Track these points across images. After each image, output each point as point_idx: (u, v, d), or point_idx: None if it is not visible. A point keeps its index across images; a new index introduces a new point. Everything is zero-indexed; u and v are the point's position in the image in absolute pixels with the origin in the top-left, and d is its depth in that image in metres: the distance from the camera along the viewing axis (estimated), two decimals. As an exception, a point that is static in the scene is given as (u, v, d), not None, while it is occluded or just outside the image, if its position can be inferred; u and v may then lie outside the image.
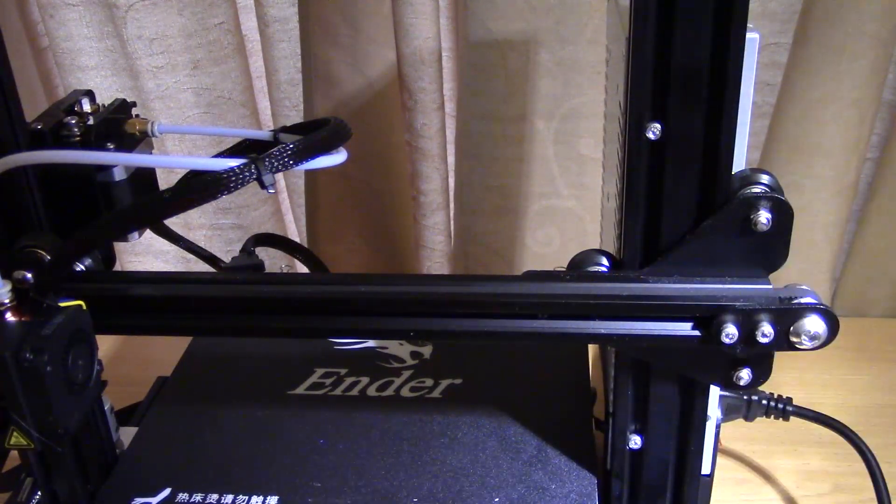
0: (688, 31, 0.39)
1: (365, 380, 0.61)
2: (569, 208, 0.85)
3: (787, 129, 0.78)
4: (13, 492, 0.54)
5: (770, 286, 0.43)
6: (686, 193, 0.42)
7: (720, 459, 0.64)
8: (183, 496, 0.52)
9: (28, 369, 0.41)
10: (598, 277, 0.45)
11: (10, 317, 0.44)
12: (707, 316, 0.43)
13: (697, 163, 0.42)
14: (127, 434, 0.57)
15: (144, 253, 0.91)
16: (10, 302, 0.44)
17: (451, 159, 0.87)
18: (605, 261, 0.46)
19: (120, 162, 0.48)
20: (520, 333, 0.45)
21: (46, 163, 0.45)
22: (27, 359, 0.41)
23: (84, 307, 0.45)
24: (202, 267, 0.61)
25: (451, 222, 0.90)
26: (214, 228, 0.88)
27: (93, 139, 0.48)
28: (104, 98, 0.52)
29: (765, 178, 0.43)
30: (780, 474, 0.65)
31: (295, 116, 0.87)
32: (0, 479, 0.54)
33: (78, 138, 0.48)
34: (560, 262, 0.48)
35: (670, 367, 0.46)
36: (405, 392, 0.60)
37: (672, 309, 0.43)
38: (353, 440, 0.55)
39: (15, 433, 0.43)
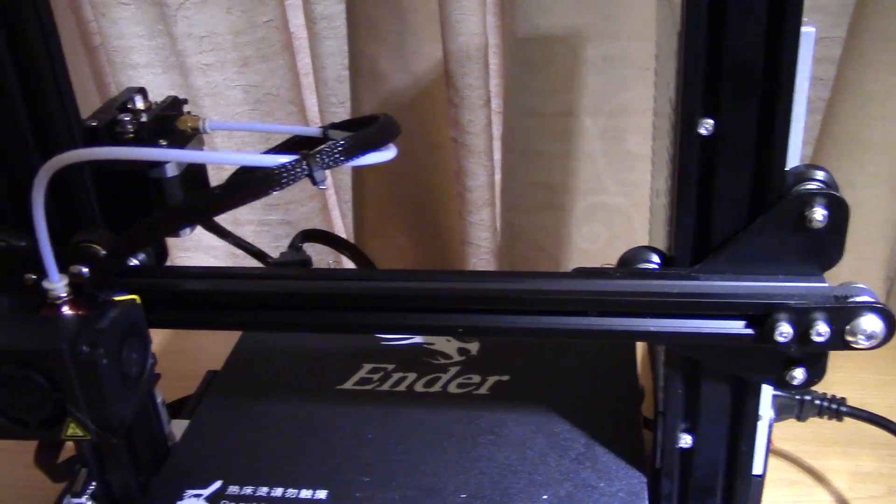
0: (741, 26, 0.38)
1: (412, 376, 0.61)
2: (616, 205, 0.84)
3: (840, 124, 0.76)
4: (68, 482, 0.55)
5: (825, 284, 0.42)
6: (739, 190, 0.42)
7: (771, 460, 0.63)
8: (234, 489, 0.52)
9: (84, 362, 0.42)
10: (649, 274, 0.44)
11: (66, 310, 0.45)
12: (760, 314, 0.42)
13: (750, 159, 0.41)
14: (177, 427, 0.58)
15: (194, 248, 0.93)
16: (67, 296, 0.45)
17: (496, 155, 0.87)
18: (655, 258, 0.46)
19: (173, 158, 0.49)
20: (569, 331, 0.45)
21: (102, 159, 0.46)
22: (83, 352, 0.42)
23: (138, 301, 0.46)
24: (250, 262, 0.62)
25: (497, 219, 0.90)
26: (262, 224, 0.89)
27: (146, 136, 0.49)
28: (154, 96, 0.53)
29: (820, 175, 0.42)
30: (832, 476, 0.64)
31: (341, 113, 0.87)
32: (55, 470, 0.55)
33: (131, 135, 0.49)
34: (607, 260, 0.48)
35: (722, 365, 0.45)
36: (452, 388, 0.60)
37: (725, 307, 0.43)
38: (400, 436, 0.56)
39: (72, 424, 0.44)
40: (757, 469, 0.49)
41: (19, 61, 0.44)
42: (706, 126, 0.40)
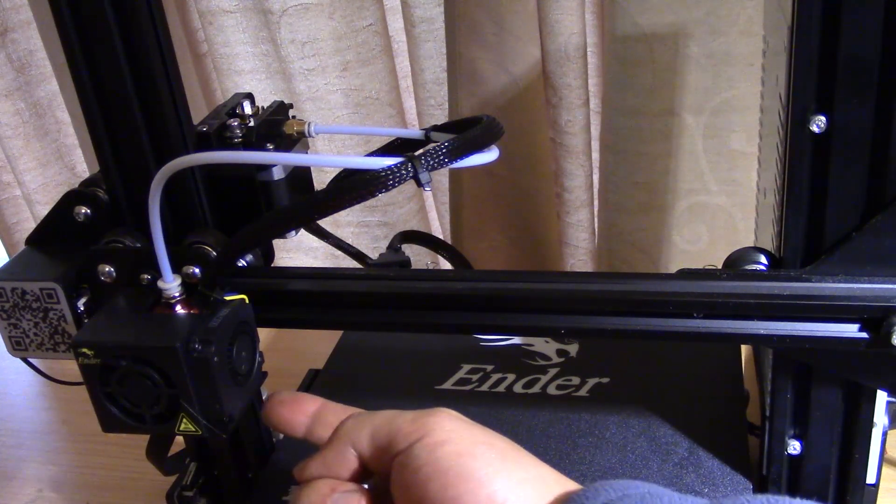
0: (856, 19, 0.37)
1: (511, 377, 0.61)
2: (718, 205, 0.82)
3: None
4: (178, 475, 0.57)
5: (946, 286, 0.41)
6: (853, 189, 0.41)
7: (886, 469, 0.60)
8: (336, 485, 0.53)
9: (197, 359, 0.44)
10: (758, 276, 0.43)
11: (179, 309, 0.47)
12: (876, 317, 0.41)
13: (865, 156, 0.40)
14: (282, 424, 0.59)
15: (294, 249, 0.95)
16: (180, 295, 0.47)
17: (595, 156, 0.86)
18: (763, 259, 0.45)
19: (281, 161, 0.50)
20: (674, 333, 0.44)
21: (213, 163, 0.47)
22: (196, 349, 0.43)
23: (247, 301, 0.47)
24: (349, 263, 0.63)
25: (595, 219, 0.89)
26: (361, 226, 0.91)
27: (254, 140, 0.50)
28: (258, 101, 0.54)
29: (940, 172, 0.40)
30: (950, 487, 0.61)
31: (439, 115, 0.88)
32: (166, 463, 0.57)
33: (240, 139, 0.50)
34: (708, 261, 0.47)
35: (834, 370, 0.44)
36: (552, 390, 0.60)
37: (838, 310, 0.41)
38: (500, 436, 0.56)
39: (184, 420, 0.45)
40: (870, 478, 0.48)
41: (137, 72, 0.46)
42: (818, 123, 0.39)
